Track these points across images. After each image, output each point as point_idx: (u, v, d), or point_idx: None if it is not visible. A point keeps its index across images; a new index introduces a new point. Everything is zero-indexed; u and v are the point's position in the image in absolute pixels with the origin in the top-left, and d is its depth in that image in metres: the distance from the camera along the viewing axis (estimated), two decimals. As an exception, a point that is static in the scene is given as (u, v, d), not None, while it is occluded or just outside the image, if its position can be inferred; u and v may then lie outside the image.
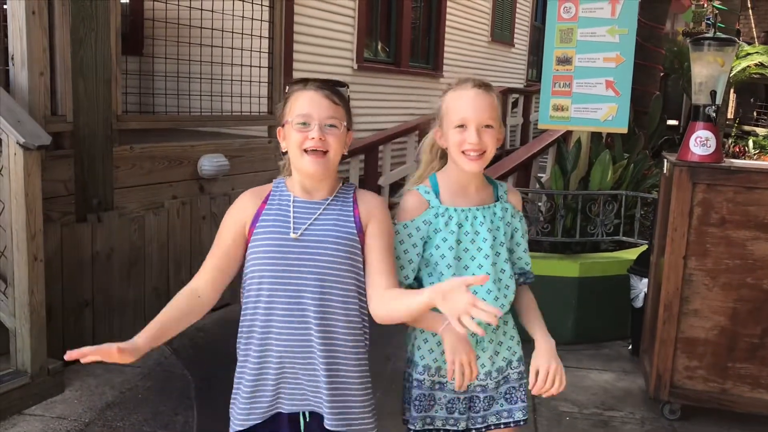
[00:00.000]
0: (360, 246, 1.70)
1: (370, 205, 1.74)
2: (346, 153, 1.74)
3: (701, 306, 3.16)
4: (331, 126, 1.67)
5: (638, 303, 3.96)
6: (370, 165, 6.83)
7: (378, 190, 6.99)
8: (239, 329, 1.73)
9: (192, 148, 4.27)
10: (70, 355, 1.49)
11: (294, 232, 1.66)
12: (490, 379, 1.85)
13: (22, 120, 3.07)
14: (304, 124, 1.66)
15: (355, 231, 1.70)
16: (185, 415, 3.17)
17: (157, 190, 4.05)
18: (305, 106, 1.67)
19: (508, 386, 1.88)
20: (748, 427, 3.22)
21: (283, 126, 1.72)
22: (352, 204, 1.73)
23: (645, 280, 3.84)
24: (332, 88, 1.71)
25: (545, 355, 1.76)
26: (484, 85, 1.79)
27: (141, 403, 3.25)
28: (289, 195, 1.72)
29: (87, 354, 1.49)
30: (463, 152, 1.74)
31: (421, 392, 1.84)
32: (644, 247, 4.24)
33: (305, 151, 1.66)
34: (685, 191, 3.11)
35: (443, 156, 1.87)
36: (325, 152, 1.66)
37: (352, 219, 1.71)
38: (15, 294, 3.12)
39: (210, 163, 4.29)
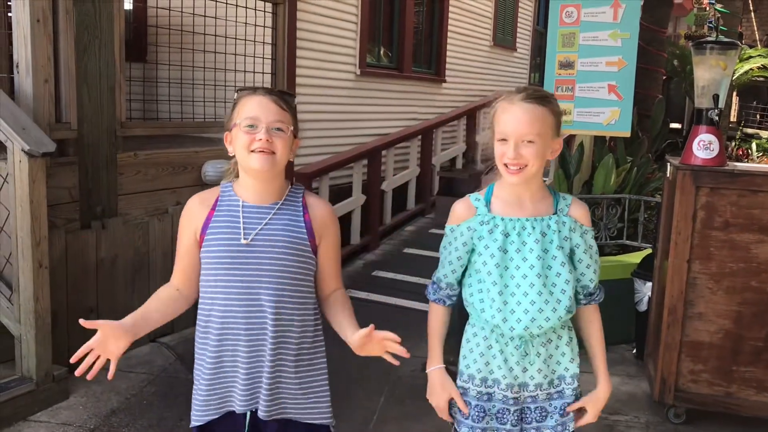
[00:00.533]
0: (310, 249, 1.76)
1: (323, 214, 1.80)
2: (292, 159, 1.78)
3: (705, 309, 3.16)
4: (278, 129, 1.70)
5: (642, 307, 3.96)
6: (373, 170, 6.83)
7: (381, 194, 6.99)
8: (196, 328, 1.80)
9: (196, 154, 4.29)
10: (76, 358, 1.62)
11: (245, 238, 1.70)
12: (540, 391, 1.84)
13: (27, 127, 3.09)
14: (251, 126, 1.69)
15: (306, 235, 1.75)
16: (190, 421, 3.17)
17: (161, 197, 4.06)
18: (253, 109, 1.70)
19: (563, 401, 1.87)
20: (754, 430, 3.21)
21: (230, 130, 1.75)
22: (302, 208, 1.77)
23: (649, 284, 3.84)
24: (280, 95, 1.75)
25: (596, 407, 1.90)
26: (535, 98, 1.74)
27: (146, 409, 3.25)
28: (237, 200, 1.76)
29: (84, 353, 1.63)
30: (505, 164, 1.75)
31: (467, 399, 1.86)
32: (648, 251, 4.24)
33: (252, 151, 1.68)
34: (688, 195, 3.11)
35: None
36: (272, 153, 1.69)
37: (303, 223, 1.76)
38: (20, 300, 3.13)
39: (214, 168, 4.30)
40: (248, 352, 1.72)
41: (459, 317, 1.97)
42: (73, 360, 1.61)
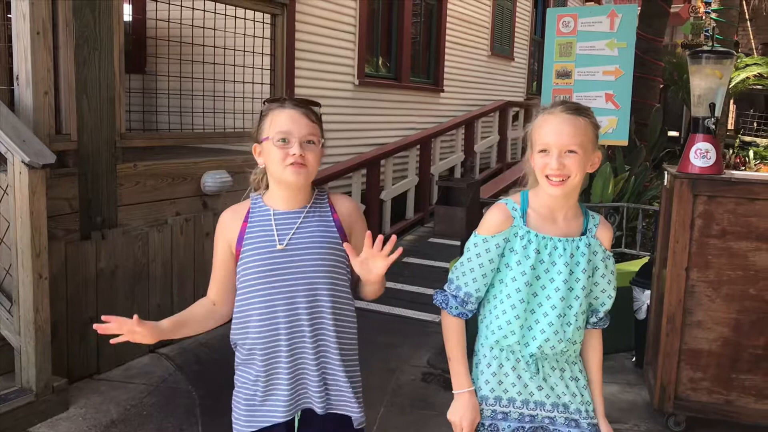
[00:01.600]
0: (343, 247, 1.78)
1: (349, 211, 1.84)
2: (318, 168, 1.81)
3: (704, 317, 3.16)
4: (309, 142, 1.73)
5: (641, 315, 3.96)
6: (372, 179, 6.85)
7: (380, 203, 7.01)
8: (231, 342, 1.81)
9: (195, 165, 4.30)
10: (99, 327, 1.61)
11: (280, 243, 1.73)
12: (557, 412, 1.82)
13: (27, 139, 3.10)
14: (284, 140, 1.71)
15: (338, 234, 1.79)
16: (190, 431, 3.17)
17: (160, 207, 4.07)
18: (285, 123, 1.73)
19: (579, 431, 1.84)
20: (754, 438, 3.21)
21: (259, 143, 1.78)
22: (329, 209, 1.82)
23: (648, 292, 3.85)
24: (308, 107, 1.77)
25: None
26: (575, 110, 1.75)
27: (146, 420, 3.25)
28: (268, 209, 1.79)
29: (111, 323, 1.61)
30: (546, 176, 1.73)
31: (480, 422, 1.82)
32: (646, 259, 4.24)
33: (287, 165, 1.72)
34: (686, 203, 3.12)
35: None
36: (305, 166, 1.72)
37: (333, 223, 1.80)
38: (20, 312, 3.14)
39: (213, 179, 4.32)
40: (290, 357, 1.73)
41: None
42: (99, 327, 1.62)
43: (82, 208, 3.58)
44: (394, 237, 1.67)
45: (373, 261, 1.66)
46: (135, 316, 1.64)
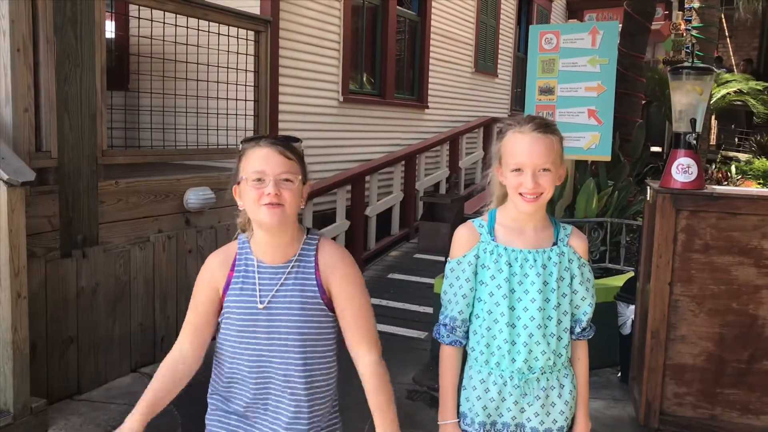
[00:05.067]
0: (325, 306, 1.73)
1: (329, 264, 1.74)
2: (303, 206, 1.74)
3: (688, 332, 3.17)
4: (286, 180, 1.67)
5: (626, 330, 3.96)
6: (357, 195, 6.84)
7: (365, 220, 6.99)
8: (211, 384, 1.83)
9: (178, 182, 4.27)
10: None
11: (261, 302, 1.70)
12: None
13: (6, 156, 3.07)
14: (259, 180, 1.66)
15: (318, 294, 1.72)
16: (172, 452, 3.12)
17: (142, 225, 4.03)
18: (259, 162, 1.67)
19: None
20: (739, 453, 3.21)
21: (238, 184, 1.73)
22: (314, 263, 1.73)
23: (632, 307, 3.85)
24: (285, 144, 1.71)
25: None
26: (544, 127, 1.77)
27: (126, 441, 3.19)
28: (253, 260, 1.74)
29: None
30: (520, 194, 1.75)
31: None
32: (630, 274, 4.25)
33: (262, 205, 1.66)
34: (668, 218, 3.13)
35: None
36: (281, 206, 1.66)
37: (314, 282, 1.72)
38: (-2, 332, 3.08)
39: (196, 196, 4.29)
40: (255, 412, 1.74)
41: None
42: None
43: (63, 225, 3.54)
44: None
45: None
46: None
